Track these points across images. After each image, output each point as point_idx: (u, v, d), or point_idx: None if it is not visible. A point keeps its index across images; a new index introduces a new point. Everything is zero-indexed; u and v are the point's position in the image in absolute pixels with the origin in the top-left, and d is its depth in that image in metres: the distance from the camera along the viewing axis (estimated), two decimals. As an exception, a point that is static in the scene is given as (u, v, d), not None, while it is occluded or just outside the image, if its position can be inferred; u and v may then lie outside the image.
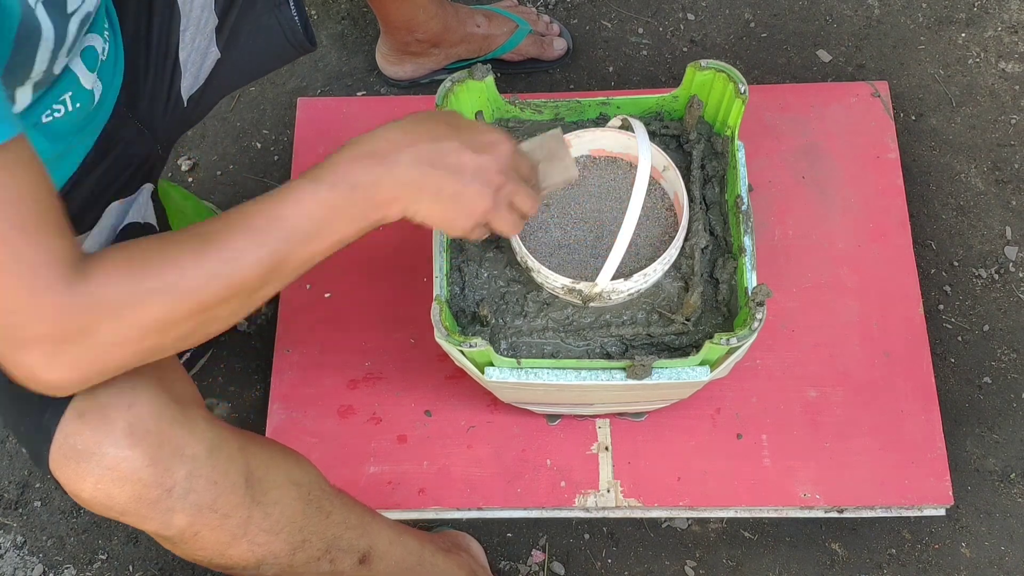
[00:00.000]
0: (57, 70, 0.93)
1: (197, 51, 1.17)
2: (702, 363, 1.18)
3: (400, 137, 0.92)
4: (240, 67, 1.22)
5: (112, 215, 1.09)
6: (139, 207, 1.12)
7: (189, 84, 1.18)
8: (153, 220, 1.14)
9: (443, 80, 1.25)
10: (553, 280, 1.20)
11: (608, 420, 1.46)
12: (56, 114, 0.98)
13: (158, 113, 1.15)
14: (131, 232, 1.09)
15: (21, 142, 0.76)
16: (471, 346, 1.14)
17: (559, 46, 1.75)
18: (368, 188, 0.89)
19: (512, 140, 0.99)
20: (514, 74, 1.76)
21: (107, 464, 0.91)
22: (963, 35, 1.77)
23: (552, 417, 1.46)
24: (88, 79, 1.00)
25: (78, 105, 1.00)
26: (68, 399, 0.90)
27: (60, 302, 0.78)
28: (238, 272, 0.84)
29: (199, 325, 0.85)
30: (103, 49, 1.03)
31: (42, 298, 0.78)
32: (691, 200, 1.25)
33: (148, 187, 1.14)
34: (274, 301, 1.56)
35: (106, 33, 1.03)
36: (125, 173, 1.12)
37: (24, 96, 0.91)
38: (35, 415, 0.92)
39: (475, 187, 0.94)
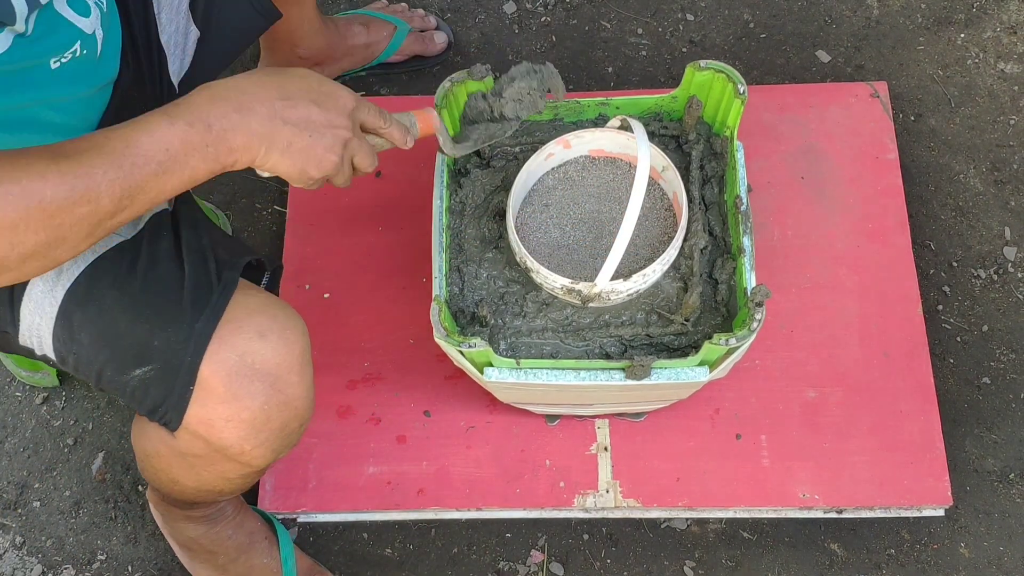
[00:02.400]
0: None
1: (178, 32, 1.18)
2: (701, 363, 1.18)
3: (256, 90, 0.94)
4: (220, 44, 1.23)
5: None
6: None
7: (177, 67, 1.19)
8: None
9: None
10: (552, 280, 1.20)
11: (607, 420, 1.46)
12: (64, 59, 0.97)
13: (154, 101, 1.16)
14: (186, 196, 1.11)
15: None
16: (470, 346, 1.15)
17: (440, 40, 1.74)
18: (223, 132, 0.91)
19: (355, 95, 1.02)
20: (397, 74, 1.75)
21: (279, 388, 1.00)
22: (962, 36, 1.77)
23: (551, 417, 1.46)
24: (85, 24, 0.99)
25: (85, 52, 0.99)
26: (218, 312, 0.97)
27: None
28: (92, 189, 0.85)
29: (48, 242, 0.84)
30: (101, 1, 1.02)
31: None
32: (690, 200, 1.25)
33: None
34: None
35: None
36: None
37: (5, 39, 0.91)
38: (179, 324, 0.96)
39: (324, 143, 0.97)
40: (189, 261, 1.03)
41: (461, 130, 1.22)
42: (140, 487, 1.50)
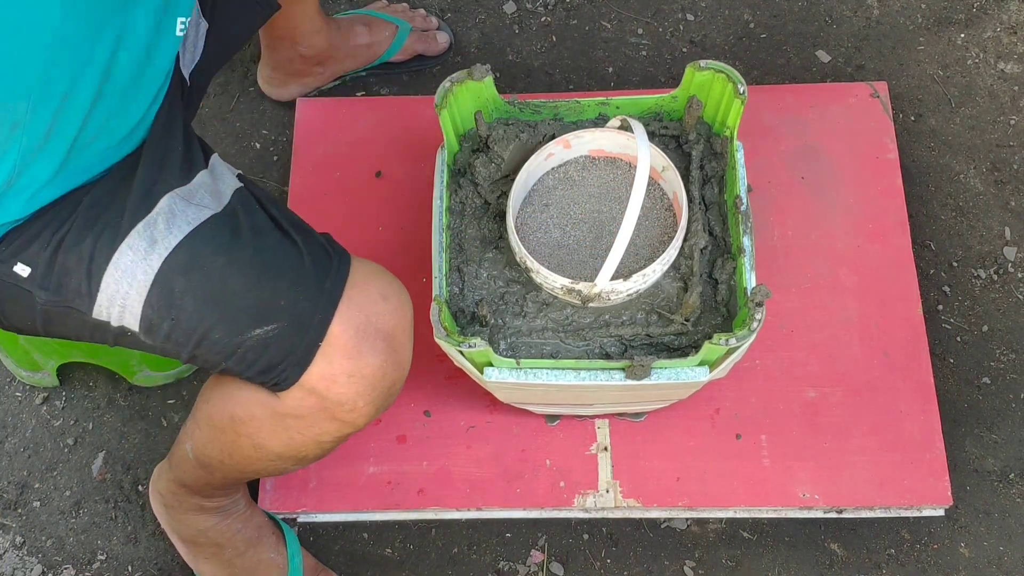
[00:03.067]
0: None
1: (189, 23, 1.18)
2: (701, 363, 1.18)
3: None
4: (225, 35, 1.24)
5: (220, 161, 1.15)
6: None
7: (188, 59, 1.19)
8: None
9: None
10: (552, 280, 1.20)
11: (607, 420, 1.46)
12: (182, 29, 1.04)
13: (170, 92, 1.16)
14: (245, 179, 1.14)
15: None
16: (470, 346, 1.15)
17: (442, 39, 1.75)
18: None
19: None
20: (398, 74, 1.75)
21: (395, 348, 1.08)
22: (962, 36, 1.77)
23: (551, 417, 1.46)
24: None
25: (186, 23, 1.05)
26: (344, 275, 1.05)
27: None
28: None
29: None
30: None
31: None
32: (690, 200, 1.26)
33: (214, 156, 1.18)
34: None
35: None
36: (192, 143, 1.14)
37: None
38: (307, 284, 1.03)
39: None
40: (295, 232, 1.08)
41: None
42: (140, 487, 1.50)
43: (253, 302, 1.03)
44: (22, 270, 1.03)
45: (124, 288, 1.02)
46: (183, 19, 1.04)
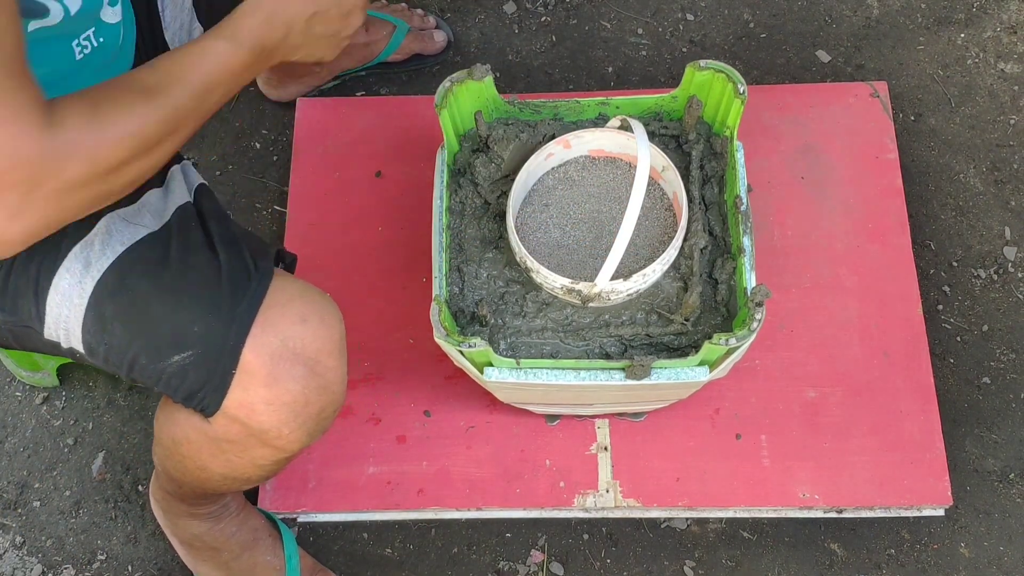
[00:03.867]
0: None
1: (182, 30, 1.18)
2: (701, 363, 1.18)
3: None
4: None
5: (180, 174, 1.13)
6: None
7: None
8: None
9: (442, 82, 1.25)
10: (552, 280, 1.20)
11: (607, 420, 1.46)
12: (85, 50, 1.00)
13: None
14: (203, 190, 1.14)
15: None
16: (470, 346, 1.15)
17: (440, 38, 1.74)
18: (274, 50, 1.00)
19: None
20: (396, 74, 1.75)
21: (319, 372, 1.01)
22: (962, 35, 1.77)
23: (551, 417, 1.46)
24: (110, 15, 1.02)
25: (101, 40, 1.01)
26: (259, 298, 0.99)
27: (37, 146, 0.82)
28: (179, 120, 0.93)
29: (144, 168, 0.92)
30: None
31: (20, 142, 0.81)
32: (690, 200, 1.25)
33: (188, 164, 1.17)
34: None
35: None
36: None
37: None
38: (220, 309, 0.99)
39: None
40: (223, 250, 1.04)
41: None
42: (140, 487, 1.50)
43: (171, 328, 1.01)
44: None
45: (65, 312, 1.03)
46: (80, 39, 1.01)
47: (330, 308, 1.06)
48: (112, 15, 1.03)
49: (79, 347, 1.06)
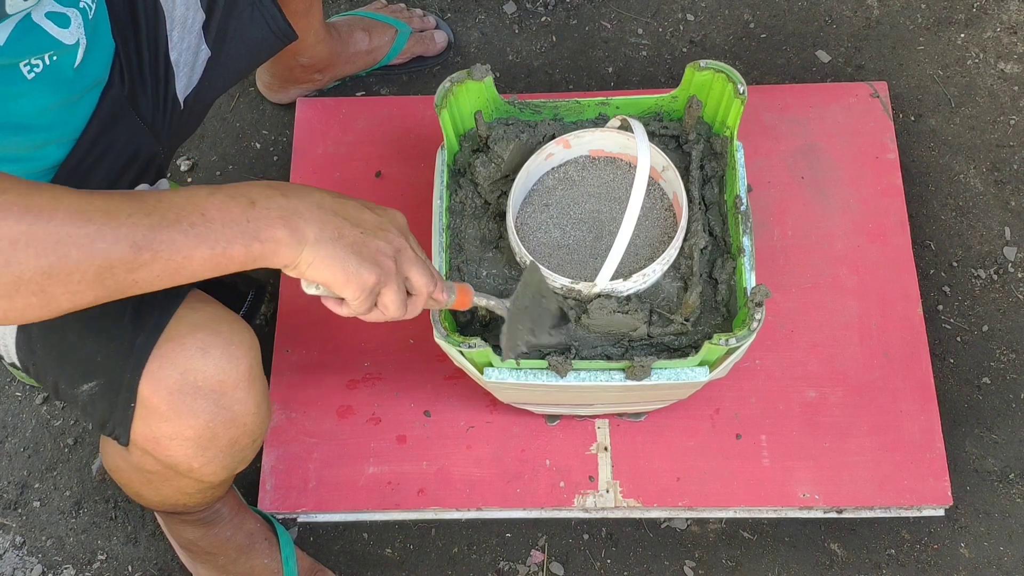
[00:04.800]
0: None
1: (188, 51, 1.18)
2: (701, 364, 1.18)
3: (307, 189, 0.90)
4: (231, 64, 1.23)
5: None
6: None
7: (184, 85, 1.18)
8: None
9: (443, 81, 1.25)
10: (552, 280, 1.20)
11: (607, 420, 1.46)
12: (36, 69, 0.94)
13: (158, 115, 1.16)
14: None
15: None
16: (470, 346, 1.15)
17: (440, 40, 1.74)
18: (267, 210, 0.84)
19: (405, 223, 0.96)
20: (397, 75, 1.75)
21: (225, 405, 0.95)
22: (962, 36, 1.77)
23: (551, 417, 1.46)
24: (66, 35, 0.97)
25: (55, 58, 0.96)
26: (159, 328, 0.91)
27: None
28: (110, 223, 0.77)
29: (48, 271, 0.77)
30: (88, 7, 1.00)
31: None
32: (690, 200, 1.25)
33: (165, 181, 1.14)
34: (274, 300, 1.57)
35: (82, 3, 1.00)
36: (132, 169, 1.11)
37: None
38: (120, 340, 0.92)
39: (376, 243, 0.90)
40: None
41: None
42: (140, 487, 1.50)
43: (81, 356, 0.98)
44: None
45: (2, 329, 1.03)
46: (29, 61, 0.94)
47: (238, 336, 0.99)
48: (68, 36, 0.98)
49: (17, 363, 1.05)
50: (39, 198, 0.76)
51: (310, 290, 0.92)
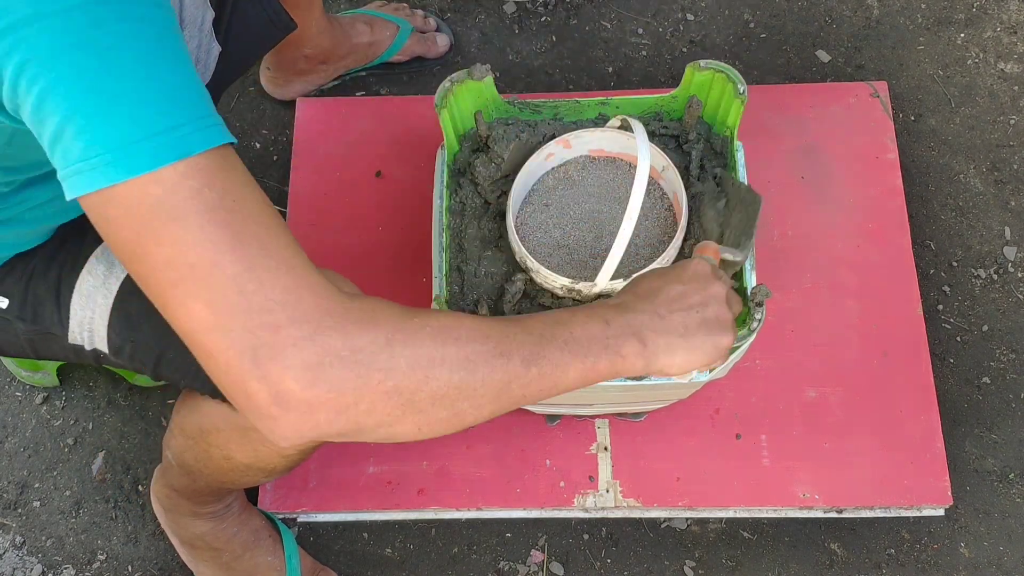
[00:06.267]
0: None
1: (200, 48, 1.18)
2: (701, 363, 1.17)
3: (644, 301, 0.93)
4: (237, 58, 1.24)
5: None
6: None
7: None
8: None
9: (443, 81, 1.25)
10: (552, 280, 1.20)
11: (607, 420, 1.46)
12: None
13: None
14: None
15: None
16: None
17: (442, 43, 1.75)
18: (619, 326, 0.89)
19: (710, 265, 0.99)
20: (397, 75, 1.75)
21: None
22: (962, 36, 1.77)
23: (551, 417, 1.46)
24: None
25: None
26: None
27: (345, 307, 0.75)
28: (505, 342, 0.82)
29: (460, 387, 0.80)
30: None
31: (323, 298, 0.75)
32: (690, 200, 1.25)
33: None
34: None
35: None
36: None
37: None
38: None
39: (713, 309, 0.94)
40: None
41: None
42: (140, 487, 1.50)
43: None
44: (1, 302, 1.06)
45: (89, 313, 1.04)
46: None
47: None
48: None
49: (104, 347, 1.06)
50: (441, 319, 0.81)
51: (682, 379, 1.00)
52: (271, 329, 0.73)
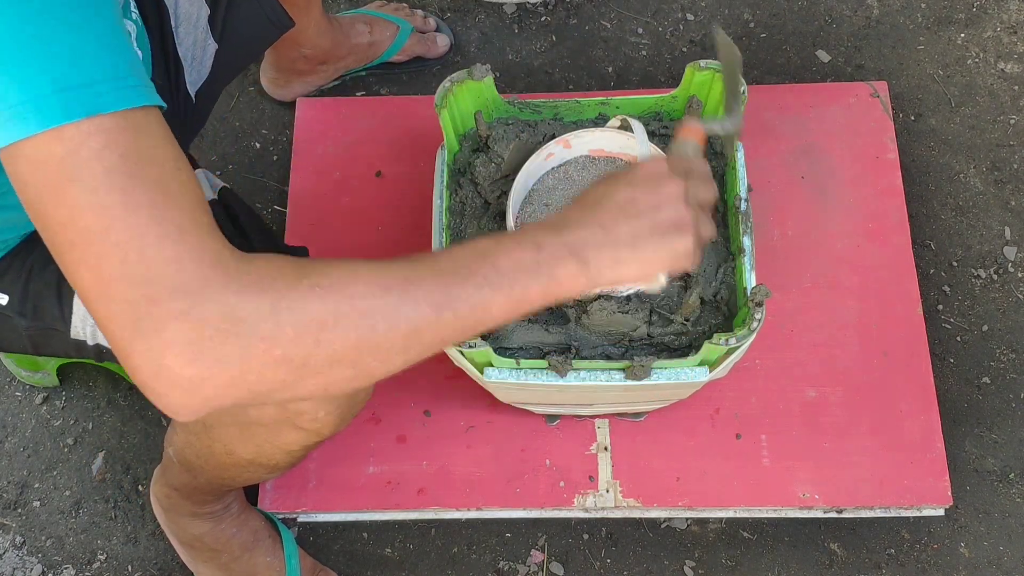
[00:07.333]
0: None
1: (195, 45, 1.18)
2: (701, 363, 1.18)
3: (587, 211, 0.88)
4: (234, 56, 1.24)
5: (203, 177, 1.11)
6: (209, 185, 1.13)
7: (194, 79, 1.19)
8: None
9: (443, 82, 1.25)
10: (552, 280, 1.19)
11: (607, 420, 1.46)
12: None
13: (170, 111, 1.16)
14: (227, 192, 1.12)
15: (159, 115, 0.74)
16: (470, 346, 1.15)
17: (443, 43, 1.74)
18: (553, 247, 0.84)
19: (670, 167, 0.92)
20: (397, 74, 1.75)
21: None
22: (962, 35, 1.77)
23: (551, 417, 1.46)
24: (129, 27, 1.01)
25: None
26: None
27: (229, 275, 0.71)
28: (412, 290, 0.77)
29: (359, 345, 0.76)
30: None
31: (207, 267, 0.71)
32: (690, 200, 1.25)
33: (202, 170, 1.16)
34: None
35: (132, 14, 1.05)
36: None
37: None
38: None
39: (664, 214, 0.87)
40: (257, 238, 1.04)
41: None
42: (140, 487, 1.50)
43: None
44: (1, 298, 1.05)
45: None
46: None
47: None
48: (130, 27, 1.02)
49: (106, 343, 1.05)
50: (336, 275, 0.76)
51: (625, 293, 0.91)
52: (151, 301, 0.70)
